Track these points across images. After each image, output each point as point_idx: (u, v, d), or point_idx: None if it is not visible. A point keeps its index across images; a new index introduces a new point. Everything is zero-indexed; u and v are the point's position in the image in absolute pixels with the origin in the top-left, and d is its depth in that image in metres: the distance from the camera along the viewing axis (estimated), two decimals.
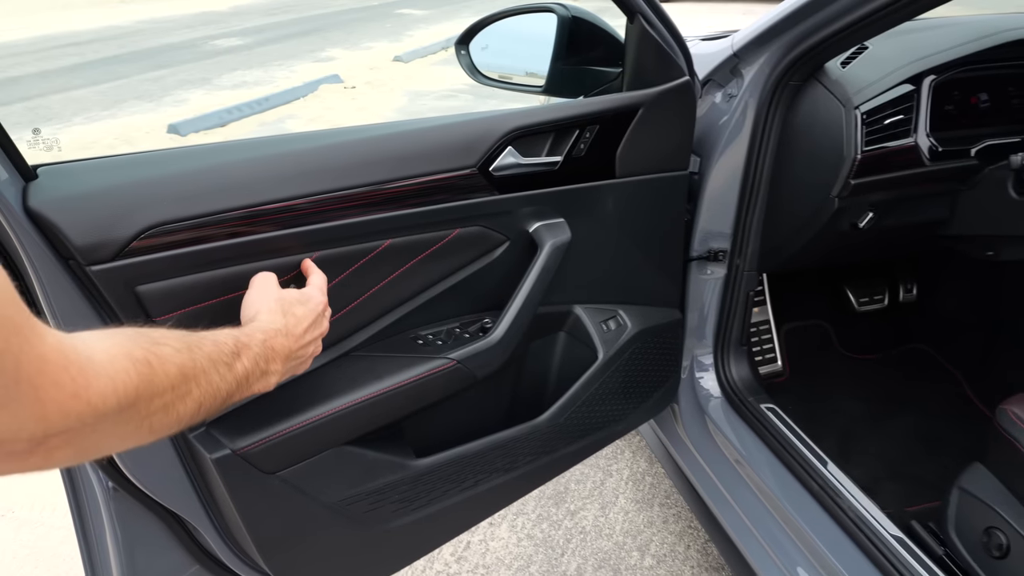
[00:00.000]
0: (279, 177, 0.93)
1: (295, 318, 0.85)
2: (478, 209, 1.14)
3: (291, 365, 0.84)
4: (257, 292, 0.88)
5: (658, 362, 1.52)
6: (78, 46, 9.57)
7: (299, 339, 0.84)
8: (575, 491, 2.08)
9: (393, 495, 1.13)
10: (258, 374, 0.75)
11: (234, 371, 0.69)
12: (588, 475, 2.14)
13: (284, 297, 0.87)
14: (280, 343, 0.80)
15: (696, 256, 1.56)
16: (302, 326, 0.85)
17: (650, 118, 1.26)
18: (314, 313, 0.88)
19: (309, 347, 0.88)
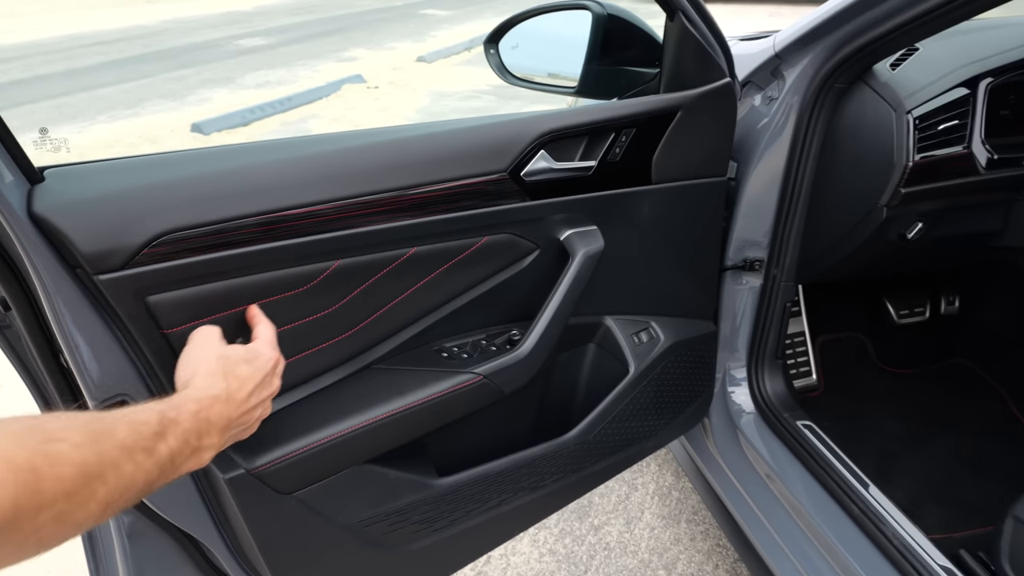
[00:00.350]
0: (300, 181, 0.88)
1: (238, 380, 0.75)
2: (508, 216, 1.08)
3: (232, 434, 0.75)
4: (196, 349, 0.78)
5: (691, 376, 1.46)
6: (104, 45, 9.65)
7: (241, 404, 0.74)
8: (599, 505, 2.02)
9: (414, 515, 1.08)
10: (188, 452, 0.65)
11: (156, 456, 0.59)
12: (613, 488, 2.07)
13: (227, 355, 0.77)
14: (218, 412, 0.70)
15: (731, 266, 1.49)
16: (246, 389, 0.75)
17: (689, 121, 1.19)
18: (262, 372, 0.79)
19: (255, 411, 0.78)
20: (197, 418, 0.67)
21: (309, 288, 0.92)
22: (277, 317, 0.90)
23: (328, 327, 0.97)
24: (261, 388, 0.78)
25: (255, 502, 0.91)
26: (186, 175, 0.83)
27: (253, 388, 0.76)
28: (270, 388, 0.81)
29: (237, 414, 0.74)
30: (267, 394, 0.80)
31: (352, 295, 0.97)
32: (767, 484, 1.50)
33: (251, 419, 0.78)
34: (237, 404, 0.74)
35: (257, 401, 0.77)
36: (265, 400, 0.80)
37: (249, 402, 0.76)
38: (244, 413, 0.75)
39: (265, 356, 0.81)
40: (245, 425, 0.78)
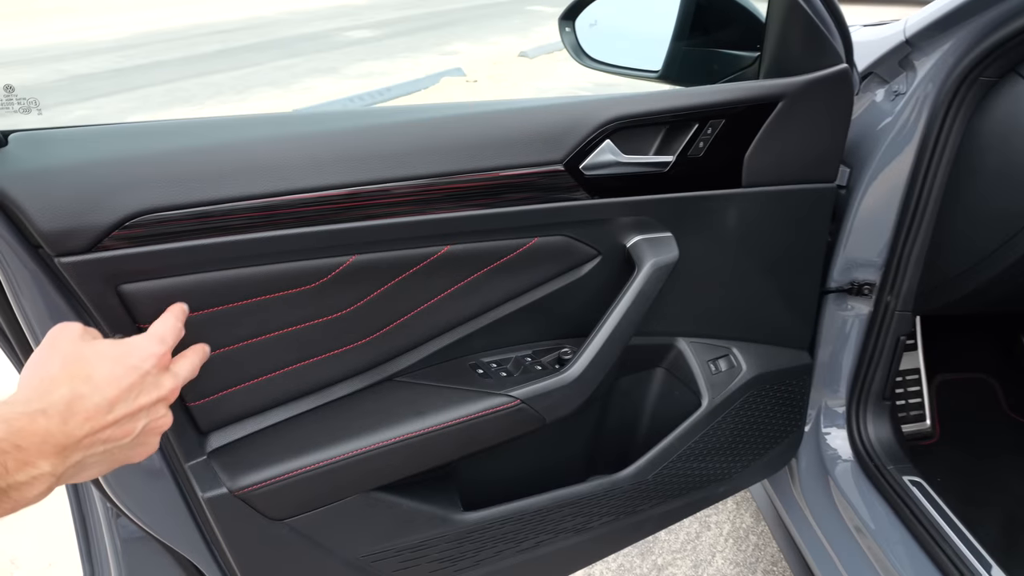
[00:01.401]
0: (312, 161, 0.75)
1: (89, 385, 0.57)
2: (564, 215, 0.92)
3: (86, 456, 0.57)
4: (41, 351, 0.61)
5: (777, 414, 1.25)
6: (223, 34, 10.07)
7: (94, 417, 0.57)
8: (665, 542, 1.82)
9: (432, 553, 0.94)
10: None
11: None
12: (682, 524, 1.87)
13: (78, 356, 0.59)
14: (39, 432, 0.53)
15: (835, 288, 1.27)
16: (103, 395, 0.58)
17: (792, 114, 0.99)
18: (133, 372, 0.61)
19: (128, 423, 0.60)
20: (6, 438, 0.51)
21: (318, 286, 0.80)
22: (278, 317, 0.78)
23: (340, 332, 0.84)
24: (133, 392, 0.60)
25: (240, 527, 0.79)
26: (171, 147, 0.71)
27: (117, 394, 0.59)
28: (154, 392, 0.62)
29: (85, 430, 0.56)
30: (148, 400, 0.62)
31: (371, 296, 0.84)
32: (858, 542, 1.29)
33: (123, 433, 0.60)
34: (85, 418, 0.56)
35: (128, 410, 0.60)
36: (148, 406, 0.62)
37: (113, 412, 0.58)
38: (104, 427, 0.58)
39: (140, 352, 0.62)
40: (115, 442, 0.59)
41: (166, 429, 0.64)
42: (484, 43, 9.27)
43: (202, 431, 0.81)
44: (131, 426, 0.60)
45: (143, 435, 0.62)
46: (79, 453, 0.56)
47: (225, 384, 0.79)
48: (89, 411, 0.56)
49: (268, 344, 0.80)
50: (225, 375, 0.79)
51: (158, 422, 0.63)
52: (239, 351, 0.78)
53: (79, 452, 0.56)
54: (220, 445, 0.81)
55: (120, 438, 0.59)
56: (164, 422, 0.64)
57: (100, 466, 0.60)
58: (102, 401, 0.57)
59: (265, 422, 0.84)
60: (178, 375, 0.66)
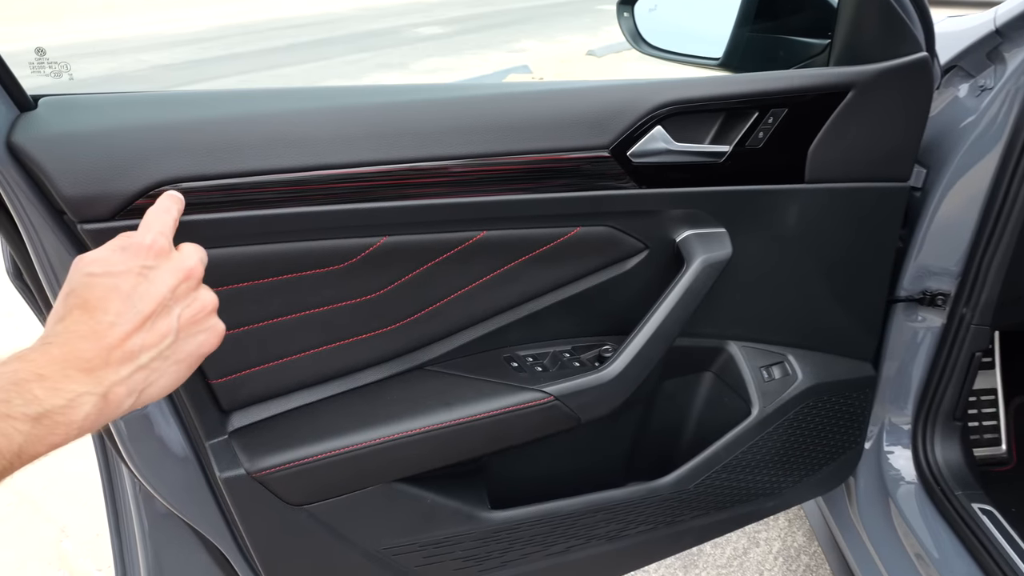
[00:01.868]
0: (342, 136, 0.73)
1: (86, 309, 0.54)
2: (610, 204, 0.87)
3: (133, 372, 0.55)
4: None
5: (835, 428, 1.17)
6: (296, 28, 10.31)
7: (103, 335, 0.53)
8: (710, 556, 1.75)
9: (456, 551, 0.90)
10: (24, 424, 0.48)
11: None
12: (729, 539, 1.79)
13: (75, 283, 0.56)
14: (56, 355, 0.52)
15: (904, 297, 1.19)
16: (101, 314, 0.54)
17: (864, 105, 0.92)
18: (127, 276, 0.56)
19: (154, 327, 0.56)
20: (14, 379, 0.49)
21: (347, 267, 0.77)
22: (305, 297, 0.76)
23: (369, 316, 0.81)
24: (136, 295, 0.56)
25: (257, 510, 0.77)
26: (202, 116, 0.70)
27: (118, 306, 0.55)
28: (162, 281, 0.57)
29: (103, 348, 0.53)
30: (160, 290, 0.57)
31: (402, 280, 0.81)
32: (918, 571, 1.20)
33: (159, 336, 0.56)
34: (95, 339, 0.53)
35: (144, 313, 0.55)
36: (166, 298, 0.57)
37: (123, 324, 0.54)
38: (125, 338, 0.54)
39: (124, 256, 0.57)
40: (157, 346, 0.56)
41: (214, 307, 0.60)
42: (553, 41, 9.23)
43: (224, 410, 0.79)
44: (163, 324, 0.56)
45: (189, 326, 0.58)
46: (117, 369, 0.54)
47: (248, 363, 0.78)
48: (99, 330, 0.54)
49: (294, 324, 0.77)
50: (249, 354, 0.77)
51: (194, 306, 0.59)
52: (263, 330, 0.77)
53: (115, 369, 0.54)
54: (242, 425, 0.80)
55: (159, 341, 0.56)
56: (202, 303, 0.59)
57: (166, 375, 0.57)
58: (110, 317, 0.54)
59: (288, 405, 0.82)
60: (186, 253, 0.60)
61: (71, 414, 0.51)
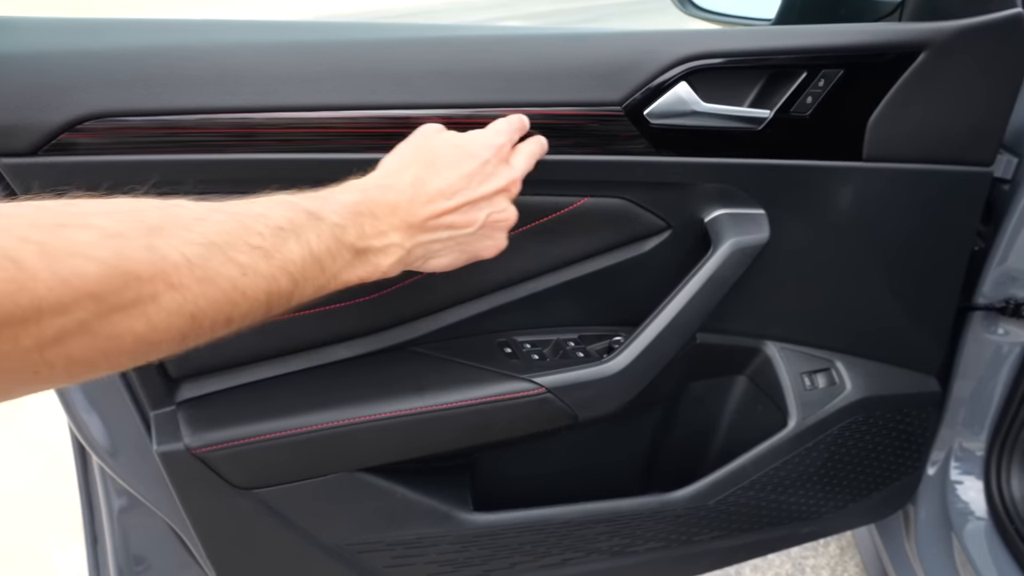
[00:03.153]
0: (307, 75, 0.65)
1: (432, 169, 0.60)
2: (623, 172, 0.76)
3: (432, 241, 0.61)
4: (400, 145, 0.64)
5: (890, 449, 1.03)
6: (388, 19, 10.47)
7: (433, 200, 0.60)
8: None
9: (431, 553, 0.81)
10: (346, 255, 0.53)
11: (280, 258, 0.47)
12: (772, 563, 1.64)
13: (426, 143, 0.63)
14: (391, 199, 0.57)
15: (983, 305, 1.02)
16: (441, 180, 0.60)
17: (939, 70, 0.78)
18: (473, 160, 0.62)
19: (467, 212, 0.62)
20: (355, 210, 0.55)
21: None
22: None
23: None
24: (474, 181, 0.62)
25: (197, 489, 0.70)
26: (141, 44, 0.63)
27: (457, 180, 0.61)
28: (493, 182, 0.63)
29: (428, 212, 0.60)
30: (487, 189, 0.63)
31: None
32: None
33: (465, 221, 0.62)
34: (427, 199, 0.60)
35: (468, 198, 0.62)
36: (488, 196, 0.63)
37: (455, 198, 0.61)
38: (446, 212, 0.61)
39: (480, 141, 0.64)
40: (459, 229, 0.62)
41: (511, 224, 0.66)
42: None
43: (171, 377, 0.73)
44: (473, 216, 0.63)
45: (487, 228, 0.64)
46: (424, 234, 0.60)
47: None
48: (431, 193, 0.60)
49: None
50: None
51: (500, 215, 0.65)
52: None
53: (424, 233, 0.60)
54: (191, 397, 0.73)
55: (463, 226, 0.62)
56: (507, 215, 0.66)
57: (449, 255, 0.64)
58: (443, 185, 0.61)
59: (246, 378, 0.75)
60: (516, 167, 0.66)
61: (382, 258, 0.57)
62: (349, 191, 0.57)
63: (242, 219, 0.47)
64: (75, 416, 0.75)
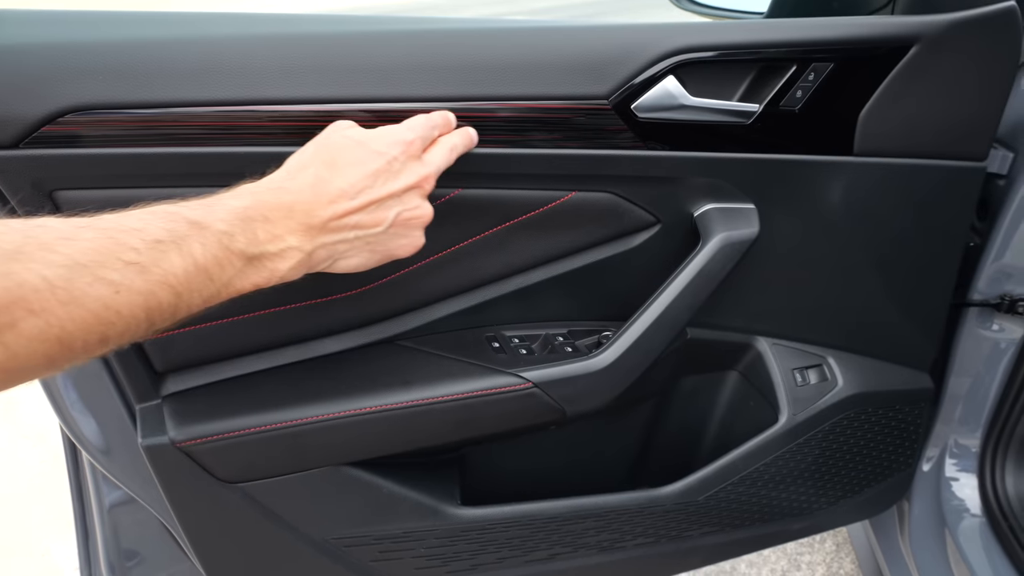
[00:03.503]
0: (291, 68, 0.65)
1: (333, 169, 0.58)
2: (612, 166, 0.76)
3: (337, 242, 0.59)
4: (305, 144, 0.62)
5: (882, 445, 1.02)
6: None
7: (335, 201, 0.58)
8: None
9: (418, 547, 0.81)
10: (236, 262, 0.52)
11: (159, 271, 0.46)
12: (767, 559, 1.64)
13: (329, 142, 0.61)
14: (287, 202, 0.55)
15: (978, 301, 1.02)
16: (343, 180, 0.58)
17: (931, 64, 0.77)
18: (378, 158, 0.60)
19: (373, 212, 0.60)
20: (244, 215, 0.53)
21: None
22: None
23: (325, 278, 0.73)
24: (380, 179, 0.60)
25: (182, 483, 0.70)
26: (124, 37, 0.63)
27: (360, 179, 0.59)
28: (402, 179, 0.61)
29: (329, 213, 0.57)
30: (396, 187, 0.61)
31: None
32: None
33: (373, 221, 0.60)
34: (328, 200, 0.57)
35: (374, 197, 0.60)
36: (397, 194, 0.61)
37: (358, 198, 0.59)
38: (349, 212, 0.58)
39: (387, 138, 0.61)
40: (366, 229, 0.60)
41: (426, 221, 0.64)
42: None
43: (157, 371, 0.73)
44: (381, 215, 0.61)
45: (398, 226, 0.62)
46: (327, 236, 0.58)
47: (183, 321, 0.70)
48: (332, 193, 0.58)
49: None
50: None
51: (412, 212, 0.63)
52: None
53: (327, 235, 0.58)
54: (177, 390, 0.73)
55: (371, 225, 0.60)
56: (420, 212, 0.63)
57: (359, 256, 0.62)
58: (345, 184, 0.59)
59: (232, 371, 0.75)
60: (429, 163, 0.64)
61: (278, 263, 0.56)
62: (239, 196, 0.55)
63: (114, 235, 0.45)
64: (63, 412, 0.75)
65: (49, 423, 2.06)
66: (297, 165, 0.59)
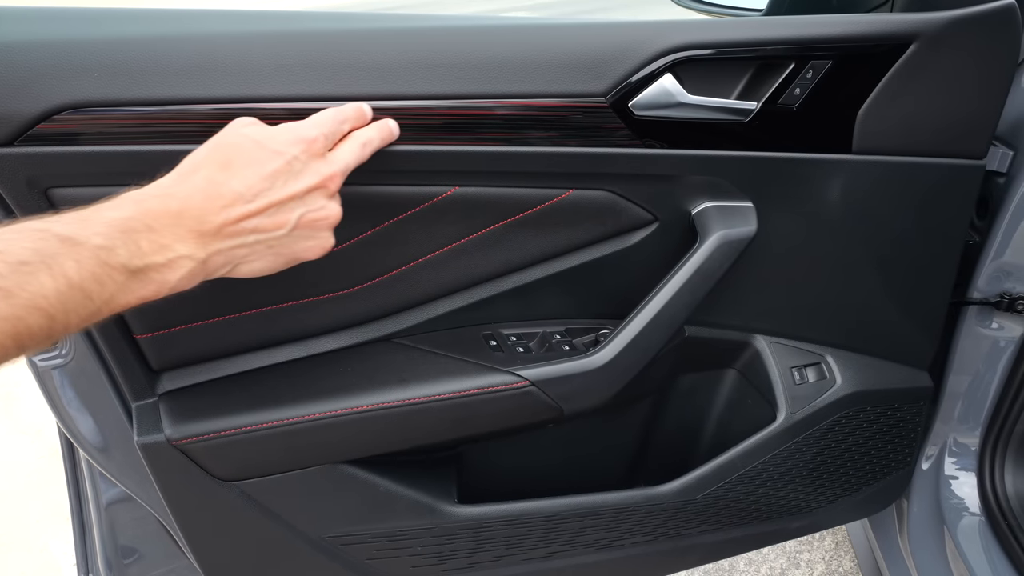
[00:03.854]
0: (287, 66, 0.64)
1: (228, 171, 0.55)
2: (609, 164, 0.76)
3: (235, 247, 0.56)
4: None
5: (881, 443, 1.02)
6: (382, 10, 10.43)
7: (230, 205, 0.54)
8: (743, 574, 1.60)
9: (415, 546, 0.81)
10: (117, 276, 0.48)
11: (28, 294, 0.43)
12: (766, 557, 1.64)
13: (224, 141, 0.57)
14: (174, 209, 0.52)
15: (978, 300, 1.02)
16: (239, 182, 0.54)
17: (930, 62, 0.77)
18: (277, 158, 0.56)
19: (274, 215, 0.57)
20: (125, 227, 0.49)
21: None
22: None
23: (321, 275, 0.73)
24: (279, 180, 0.57)
25: (178, 481, 0.70)
26: (119, 34, 0.62)
27: (258, 180, 0.55)
28: (305, 179, 0.58)
29: (223, 218, 0.54)
30: (298, 188, 0.58)
31: (359, 238, 0.72)
32: None
33: (274, 224, 0.57)
34: (222, 204, 0.54)
35: (274, 199, 0.56)
36: (299, 195, 0.58)
37: (256, 201, 0.55)
38: (247, 216, 0.55)
39: (287, 136, 0.58)
40: (268, 233, 0.57)
41: (334, 221, 0.61)
42: None
43: (153, 369, 0.73)
44: (283, 217, 0.57)
45: (303, 228, 0.59)
46: (223, 241, 0.55)
47: (179, 319, 0.70)
48: (227, 197, 0.55)
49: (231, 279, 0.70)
50: (180, 308, 0.70)
51: (317, 213, 0.59)
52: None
53: (222, 240, 0.55)
54: (173, 388, 0.73)
55: (272, 228, 0.57)
56: (326, 213, 0.60)
57: (262, 260, 0.59)
58: (241, 187, 0.55)
59: (229, 369, 0.75)
60: (335, 161, 0.60)
61: (167, 274, 0.52)
62: (119, 206, 0.51)
63: None
64: (60, 410, 0.75)
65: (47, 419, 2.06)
66: (189, 167, 0.56)
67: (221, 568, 0.78)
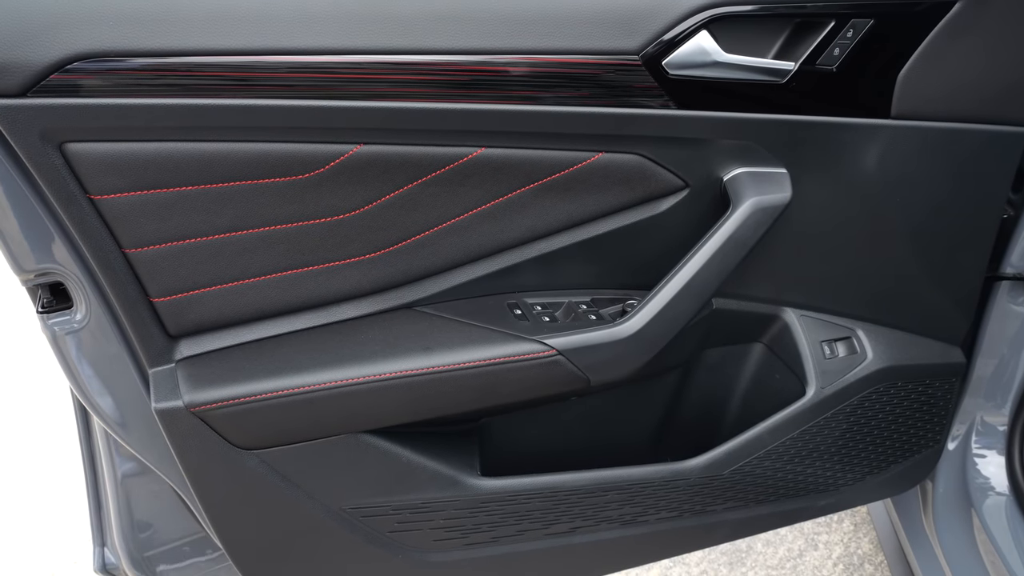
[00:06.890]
0: (310, 16, 0.62)
1: None
2: (640, 126, 0.73)
3: None
4: None
5: (911, 420, 1.00)
6: None
7: None
8: (760, 555, 1.59)
9: (437, 518, 0.80)
10: None
11: None
12: (784, 538, 1.62)
13: None
14: None
15: (1012, 275, 0.99)
16: None
17: (974, 22, 0.74)
18: None
19: None
20: None
21: (313, 177, 0.66)
22: (263, 210, 0.66)
23: (343, 240, 0.71)
24: None
25: (196, 449, 0.69)
26: None
27: None
28: None
29: None
30: None
31: (381, 200, 0.70)
32: None
33: None
34: None
35: None
36: None
37: None
38: None
39: None
40: None
41: None
42: None
43: (171, 334, 0.71)
44: None
45: None
46: None
47: (197, 283, 0.68)
48: None
49: (250, 241, 0.68)
50: (197, 272, 0.68)
51: None
52: (213, 245, 0.67)
53: None
54: (191, 354, 0.71)
55: None
56: None
57: None
58: None
59: (247, 336, 0.73)
60: None
61: None
62: None
63: None
64: (76, 377, 0.73)
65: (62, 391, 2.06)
66: None
67: (239, 539, 0.76)
